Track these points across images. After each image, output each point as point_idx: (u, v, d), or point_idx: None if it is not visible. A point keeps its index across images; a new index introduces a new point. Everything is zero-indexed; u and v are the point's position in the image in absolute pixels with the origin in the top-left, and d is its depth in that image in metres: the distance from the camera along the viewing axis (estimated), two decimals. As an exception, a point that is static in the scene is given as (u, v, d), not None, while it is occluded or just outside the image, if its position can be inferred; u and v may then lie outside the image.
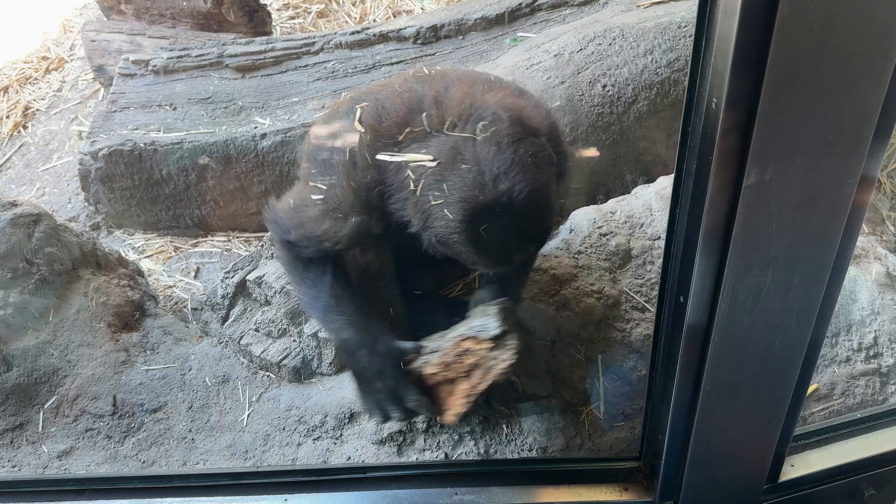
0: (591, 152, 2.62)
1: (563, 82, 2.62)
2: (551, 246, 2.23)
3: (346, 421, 2.03)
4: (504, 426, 1.94)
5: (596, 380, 1.98)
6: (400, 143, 1.55)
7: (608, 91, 2.60)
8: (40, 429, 2.13)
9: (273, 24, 4.24)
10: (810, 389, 1.97)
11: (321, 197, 1.68)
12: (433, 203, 1.45)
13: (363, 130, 1.61)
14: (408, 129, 1.55)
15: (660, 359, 1.44)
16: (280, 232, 1.83)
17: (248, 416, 2.13)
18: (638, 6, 3.02)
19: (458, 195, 1.42)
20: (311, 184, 1.72)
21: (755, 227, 1.13)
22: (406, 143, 1.54)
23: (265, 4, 4.18)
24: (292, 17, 4.43)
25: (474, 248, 1.46)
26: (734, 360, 1.33)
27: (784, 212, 1.11)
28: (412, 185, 1.49)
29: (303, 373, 2.18)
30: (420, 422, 1.96)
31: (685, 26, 2.71)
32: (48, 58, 4.42)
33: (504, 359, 1.68)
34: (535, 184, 1.44)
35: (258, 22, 4.05)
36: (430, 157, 1.47)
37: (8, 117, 4.10)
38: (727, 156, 1.06)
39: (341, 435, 2.01)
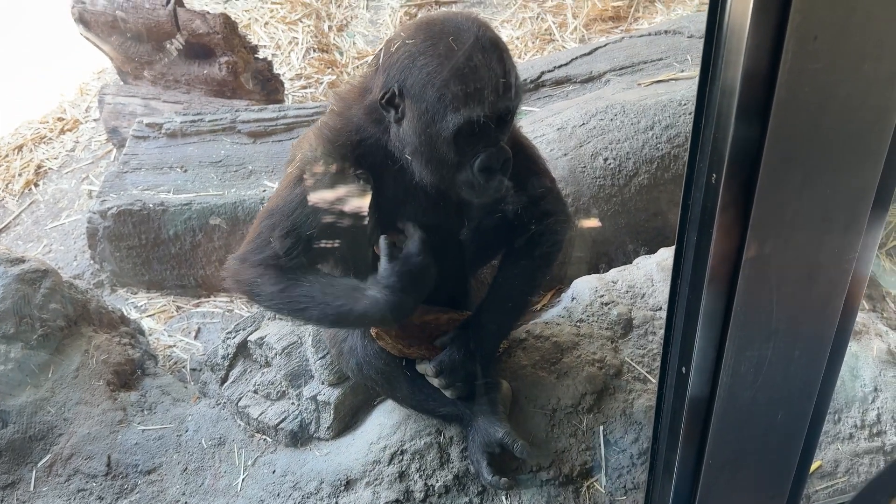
0: (593, 222, 2.66)
1: (565, 154, 2.68)
2: (553, 313, 2.24)
3: (342, 489, 1.99)
4: (503, 498, 1.91)
5: (597, 451, 1.95)
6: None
7: (609, 164, 2.66)
8: (32, 488, 2.10)
9: (285, 92, 4.36)
10: (814, 466, 1.94)
11: (299, 166, 1.75)
12: (397, 49, 1.55)
13: (334, 105, 1.77)
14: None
15: (662, 431, 1.43)
16: (247, 273, 1.80)
17: (243, 480, 2.10)
18: (639, 84, 3.11)
19: (419, 28, 1.56)
20: (287, 169, 1.81)
21: (756, 300, 1.14)
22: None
23: (278, 74, 4.31)
24: (304, 87, 4.56)
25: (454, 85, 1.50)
26: (736, 433, 1.32)
27: (784, 285, 1.13)
28: (373, 65, 1.63)
29: (300, 437, 2.16)
30: (418, 492, 1.93)
31: (685, 104, 2.79)
32: (64, 119, 4.53)
33: None
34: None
35: (271, 90, 4.16)
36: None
37: (20, 175, 4.18)
38: (727, 229, 1.09)
39: (336, 503, 1.97)
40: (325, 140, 1.71)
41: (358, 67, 4.70)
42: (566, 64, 3.38)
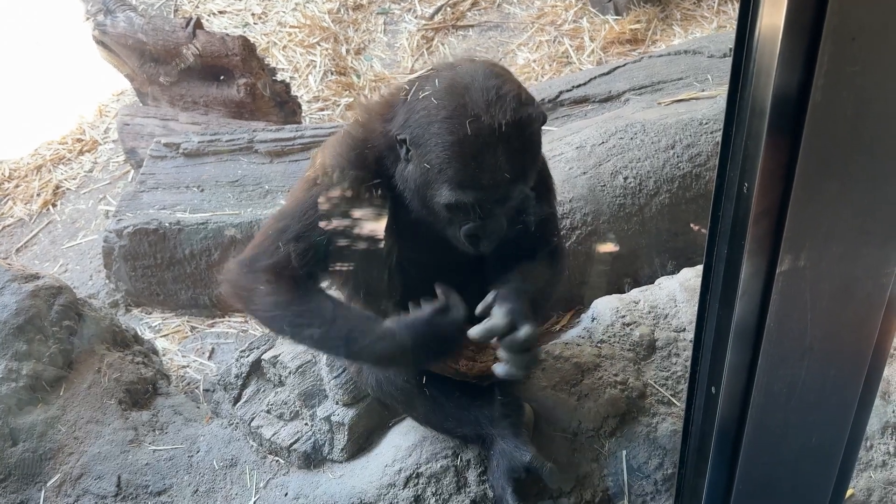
0: (611, 245, 2.62)
1: (584, 173, 2.65)
2: (572, 334, 2.19)
3: (356, 512, 1.94)
4: (523, 524, 1.85)
5: (620, 477, 1.89)
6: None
7: (630, 183, 2.62)
8: (40, 509, 2.06)
9: (303, 114, 4.37)
10: (847, 494, 1.87)
11: (317, 171, 1.71)
12: (422, 97, 1.52)
13: (359, 115, 1.75)
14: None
15: (689, 454, 1.38)
16: (249, 279, 1.70)
17: (255, 503, 2.05)
18: (659, 103, 3.09)
19: (447, 84, 1.53)
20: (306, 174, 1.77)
21: (789, 316, 1.09)
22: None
23: (296, 96, 4.33)
24: (321, 109, 4.58)
25: (460, 147, 1.49)
26: (768, 457, 1.26)
27: (819, 300, 1.08)
28: (404, 92, 1.60)
29: (313, 459, 2.11)
30: (433, 515, 1.88)
31: (706, 123, 2.75)
32: (83, 140, 4.57)
33: None
34: (520, 97, 1.53)
35: (288, 112, 4.18)
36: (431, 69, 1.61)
37: (38, 195, 4.21)
38: (760, 241, 1.04)
39: (350, 527, 1.92)
40: (346, 147, 1.70)
41: (375, 91, 4.72)
42: (585, 84, 3.36)
